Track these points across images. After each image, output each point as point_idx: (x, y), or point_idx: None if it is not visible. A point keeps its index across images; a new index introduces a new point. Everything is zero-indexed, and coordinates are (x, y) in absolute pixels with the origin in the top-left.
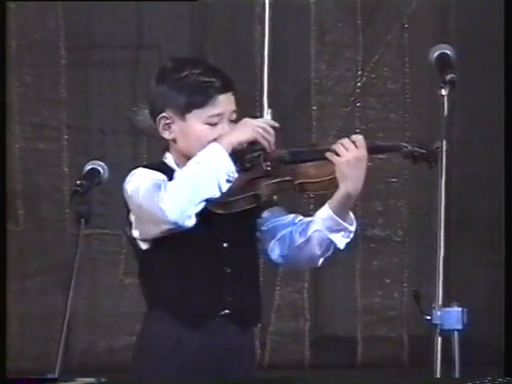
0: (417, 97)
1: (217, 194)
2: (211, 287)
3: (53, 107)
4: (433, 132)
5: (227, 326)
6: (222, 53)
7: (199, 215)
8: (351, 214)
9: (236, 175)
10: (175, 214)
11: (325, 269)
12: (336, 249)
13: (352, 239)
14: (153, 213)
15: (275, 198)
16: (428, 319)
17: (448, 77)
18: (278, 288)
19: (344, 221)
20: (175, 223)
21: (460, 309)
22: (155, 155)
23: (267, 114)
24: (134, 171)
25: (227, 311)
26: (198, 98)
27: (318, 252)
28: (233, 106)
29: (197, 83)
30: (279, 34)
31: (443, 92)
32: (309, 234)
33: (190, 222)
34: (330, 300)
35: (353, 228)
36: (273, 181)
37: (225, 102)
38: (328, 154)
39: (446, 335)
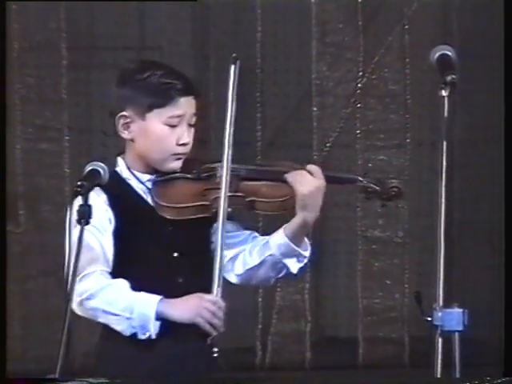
0: (418, 98)
1: (126, 334)
2: (164, 296)
3: (54, 108)
4: (434, 133)
5: (183, 331)
6: (223, 54)
7: (149, 225)
8: (306, 240)
9: (154, 336)
10: (77, 309)
11: (326, 270)
12: (289, 273)
13: (306, 263)
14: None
15: (229, 210)
16: (429, 320)
17: (448, 78)
18: (278, 289)
19: (299, 247)
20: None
21: (461, 310)
22: None
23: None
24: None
25: None
26: (159, 97)
27: (271, 274)
28: (193, 110)
29: (159, 84)
30: (280, 35)
31: (444, 93)
32: (263, 257)
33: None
34: (331, 301)
35: (307, 254)
36: None
37: (186, 105)
38: (289, 181)
39: (447, 336)
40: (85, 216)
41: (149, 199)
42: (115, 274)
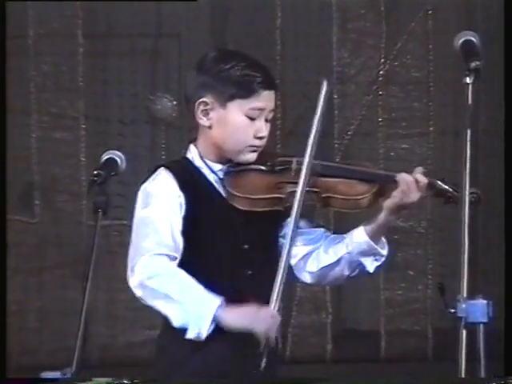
0: (441, 85)
1: (174, 324)
2: (232, 289)
3: (70, 97)
4: (457, 121)
5: (235, 334)
6: (243, 41)
7: (221, 215)
8: (384, 239)
9: (203, 338)
10: (134, 288)
11: None
12: (365, 272)
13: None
14: (128, 260)
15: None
16: (452, 312)
17: (473, 64)
18: None
19: (378, 245)
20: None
21: (485, 301)
22: (173, 145)
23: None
24: (156, 174)
25: None
26: (242, 89)
27: (346, 273)
28: (273, 105)
29: (243, 75)
30: (300, 22)
31: (468, 80)
32: (340, 255)
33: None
34: (353, 293)
35: (385, 252)
36: None
37: (267, 99)
38: (400, 185)
39: (471, 328)
40: (102, 206)
41: (221, 189)
42: (183, 260)
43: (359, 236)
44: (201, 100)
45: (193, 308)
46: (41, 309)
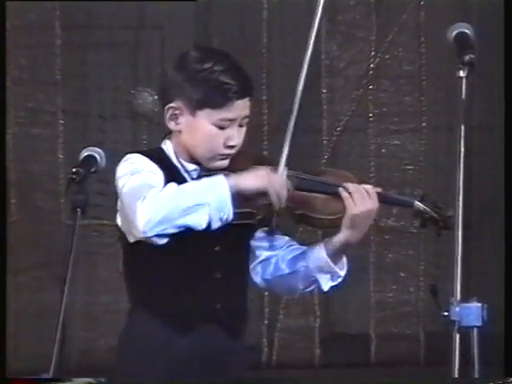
0: (434, 79)
1: (202, 227)
2: (200, 291)
3: (48, 91)
4: (451, 116)
5: (216, 331)
6: (227, 35)
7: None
8: (344, 259)
9: (231, 218)
10: (146, 226)
11: None
12: (320, 289)
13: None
14: (129, 214)
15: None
16: (445, 315)
17: (467, 58)
18: None
19: (336, 265)
20: (144, 236)
21: (479, 304)
22: (155, 141)
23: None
24: (129, 155)
25: (215, 317)
26: (213, 98)
27: (300, 286)
28: (247, 112)
29: (216, 82)
30: (288, 13)
31: (461, 74)
32: (296, 267)
33: (161, 241)
34: (342, 295)
35: (342, 273)
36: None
37: (240, 108)
38: (343, 196)
39: (465, 332)
40: (80, 205)
41: None
42: (150, 252)
43: (318, 252)
44: (171, 105)
45: (208, 196)
46: (17, 311)
